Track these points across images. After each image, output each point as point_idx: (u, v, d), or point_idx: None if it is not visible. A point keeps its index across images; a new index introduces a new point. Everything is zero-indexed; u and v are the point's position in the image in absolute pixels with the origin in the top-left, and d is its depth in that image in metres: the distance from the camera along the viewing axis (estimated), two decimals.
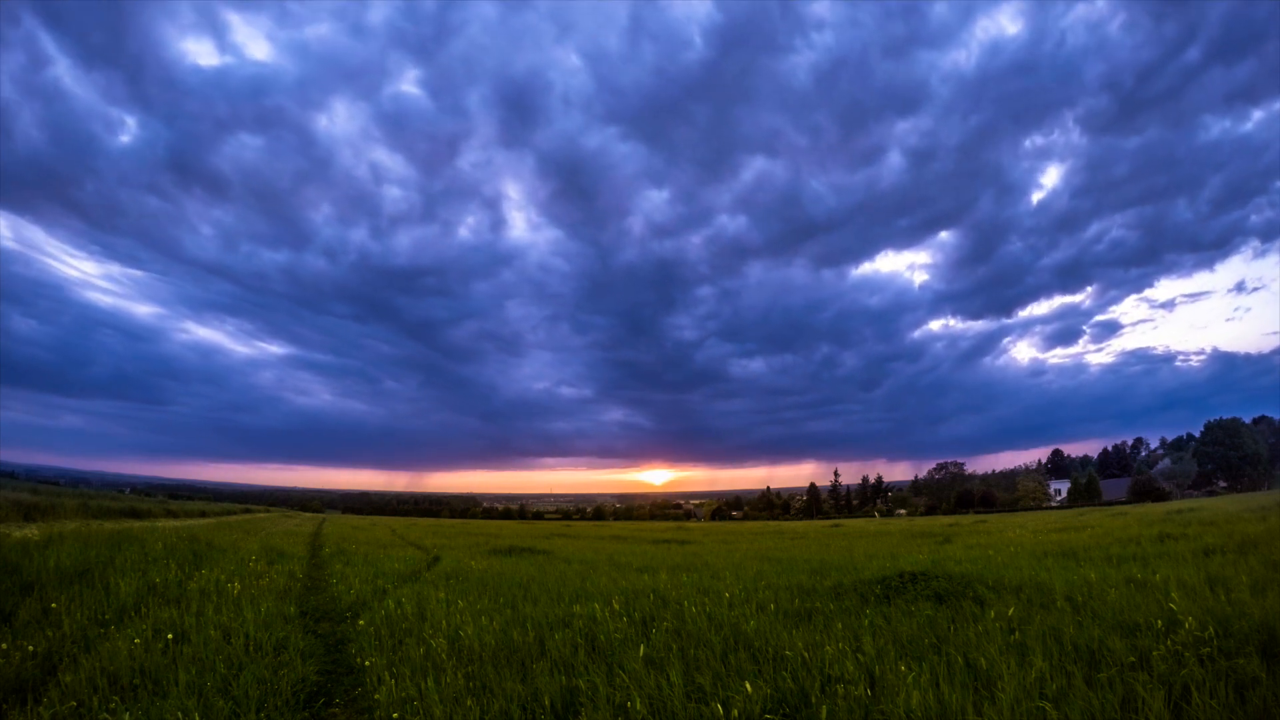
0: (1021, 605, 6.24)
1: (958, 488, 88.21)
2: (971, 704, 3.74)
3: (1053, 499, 77.09)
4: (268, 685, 4.54)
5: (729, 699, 3.96)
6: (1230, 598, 5.74)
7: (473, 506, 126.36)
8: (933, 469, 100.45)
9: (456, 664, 5.03)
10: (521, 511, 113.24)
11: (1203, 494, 59.70)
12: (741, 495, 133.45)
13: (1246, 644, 4.43)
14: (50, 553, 8.61)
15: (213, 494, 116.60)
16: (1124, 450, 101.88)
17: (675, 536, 27.32)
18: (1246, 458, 66.11)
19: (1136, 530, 15.26)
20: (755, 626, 5.69)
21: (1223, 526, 13.66)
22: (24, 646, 5.14)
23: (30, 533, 12.03)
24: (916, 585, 7.42)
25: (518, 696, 4.29)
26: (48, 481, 58.27)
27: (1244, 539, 10.65)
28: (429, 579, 10.21)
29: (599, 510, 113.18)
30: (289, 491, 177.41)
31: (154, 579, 7.83)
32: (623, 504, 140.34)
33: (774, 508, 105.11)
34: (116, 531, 13.08)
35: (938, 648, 4.96)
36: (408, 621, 6.51)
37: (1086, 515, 29.25)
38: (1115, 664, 4.29)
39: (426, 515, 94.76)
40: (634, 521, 78.45)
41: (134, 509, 28.20)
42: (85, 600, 6.55)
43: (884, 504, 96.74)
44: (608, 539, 25.94)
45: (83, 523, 17.08)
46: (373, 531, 29.78)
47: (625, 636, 5.55)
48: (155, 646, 5.19)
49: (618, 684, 4.35)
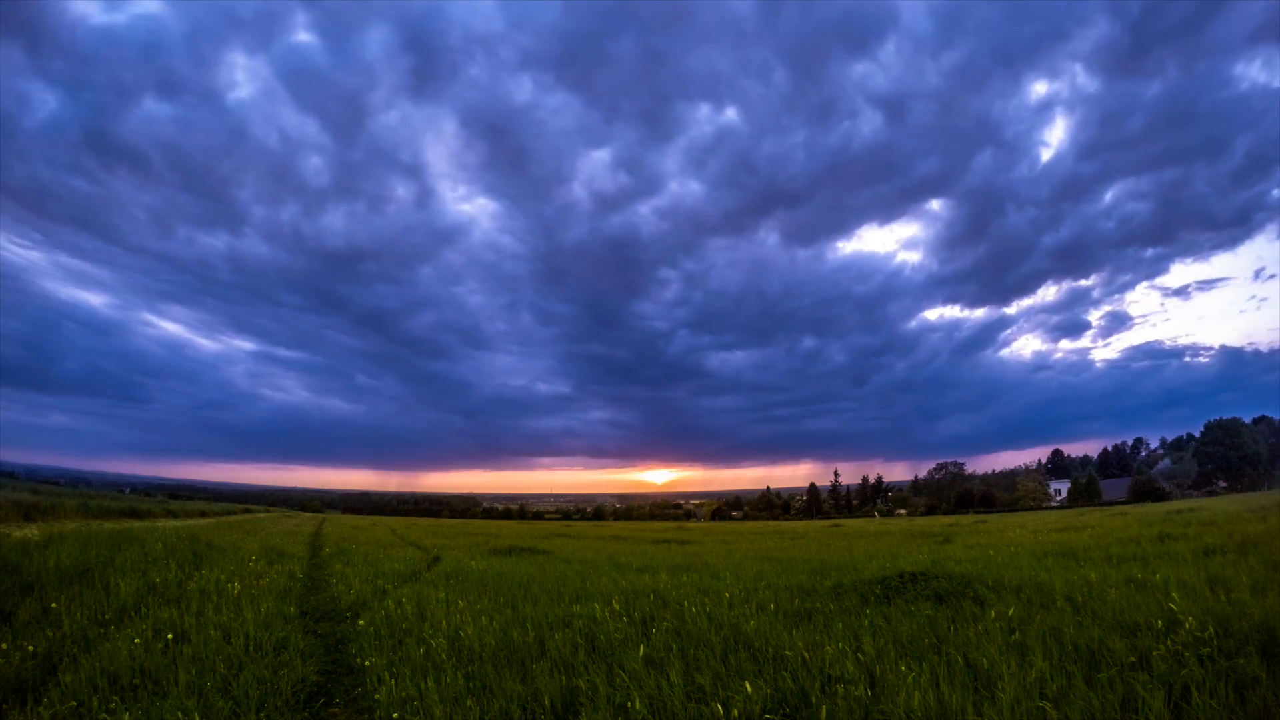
0: (1021, 605, 6.23)
1: (958, 488, 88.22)
2: (971, 704, 3.74)
3: (1053, 499, 77.09)
4: (268, 685, 4.54)
5: (729, 699, 3.96)
6: (1230, 598, 5.74)
7: (472, 506, 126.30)
8: (932, 469, 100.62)
9: (456, 664, 5.03)
10: (521, 511, 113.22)
11: (1203, 494, 59.68)
12: (741, 495, 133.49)
13: (1246, 644, 4.42)
14: (50, 553, 8.61)
15: (212, 494, 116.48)
16: (1124, 450, 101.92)
17: (675, 536, 27.32)
18: (1246, 458, 66.10)
19: (1136, 530, 15.26)
20: (755, 626, 5.69)
21: (1223, 526, 13.65)
22: (24, 646, 5.14)
23: (30, 533, 12.03)
24: (916, 585, 7.42)
25: (518, 696, 4.29)
26: (47, 481, 58.30)
27: (1244, 539, 10.64)
28: (429, 579, 10.21)
29: (599, 510, 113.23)
30: (288, 491, 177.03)
31: (154, 579, 7.83)
32: (622, 504, 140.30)
33: (774, 508, 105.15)
34: (116, 531, 13.08)
35: (938, 648, 4.96)
36: (408, 621, 6.51)
37: (1086, 515, 29.25)
38: (1115, 664, 4.29)
39: (426, 515, 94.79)
40: (634, 521, 78.44)
41: (134, 509, 28.21)
42: (85, 600, 6.55)
43: (884, 504, 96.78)
44: (608, 539, 25.94)
45: (83, 523, 17.08)
46: (373, 531, 29.78)
47: (625, 636, 5.55)
48: (155, 646, 5.19)
49: (618, 684, 4.35)
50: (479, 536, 25.45)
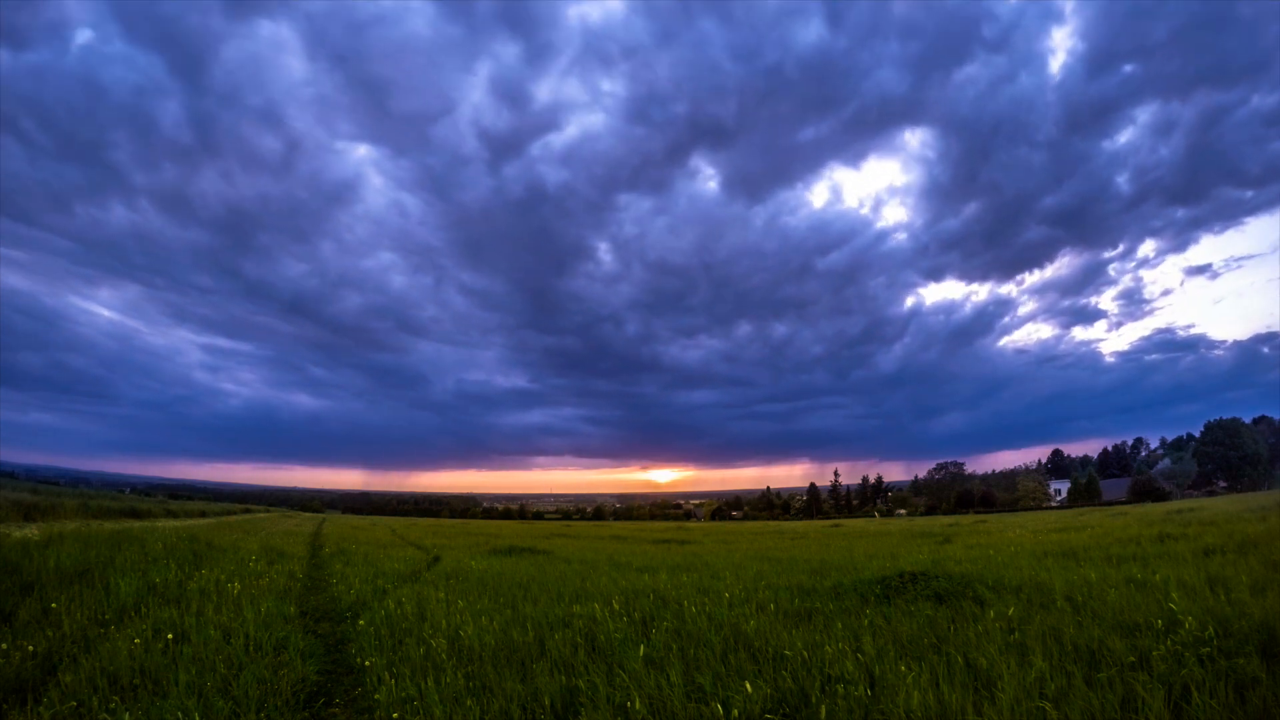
0: (1021, 605, 6.24)
1: (957, 488, 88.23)
2: (971, 704, 3.74)
3: (1053, 499, 77.09)
4: (268, 685, 4.54)
5: (729, 699, 3.96)
6: (1230, 598, 5.75)
7: (472, 506, 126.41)
8: (932, 469, 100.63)
9: (456, 664, 5.04)
10: (521, 511, 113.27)
11: (1203, 494, 59.66)
12: (741, 495, 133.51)
13: (1246, 644, 4.43)
14: (50, 553, 8.60)
15: (213, 494, 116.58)
16: (1124, 450, 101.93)
17: (675, 536, 27.32)
18: (1246, 458, 66.10)
19: (1136, 530, 15.25)
20: (755, 626, 5.69)
21: (1223, 526, 13.65)
22: (24, 646, 5.13)
23: (30, 533, 12.03)
24: (916, 585, 7.42)
25: (518, 696, 4.29)
26: (47, 481, 58.29)
27: (1244, 539, 10.64)
28: (429, 579, 10.21)
29: (599, 510, 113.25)
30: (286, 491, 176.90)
31: (154, 579, 7.83)
32: (622, 504, 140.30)
33: (774, 508, 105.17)
34: (116, 531, 13.08)
35: (938, 648, 4.97)
36: (408, 621, 6.50)
37: (1086, 515, 29.25)
38: (1115, 664, 4.29)
39: (426, 515, 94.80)
40: (634, 521, 78.44)
41: (134, 509, 28.20)
42: (85, 600, 6.54)
43: (884, 504, 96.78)
44: (608, 539, 25.94)
45: (83, 523, 17.07)
46: (373, 532, 29.78)
47: (625, 636, 5.55)
48: (155, 646, 5.19)
49: (618, 684, 4.35)
50: (479, 536, 25.45)
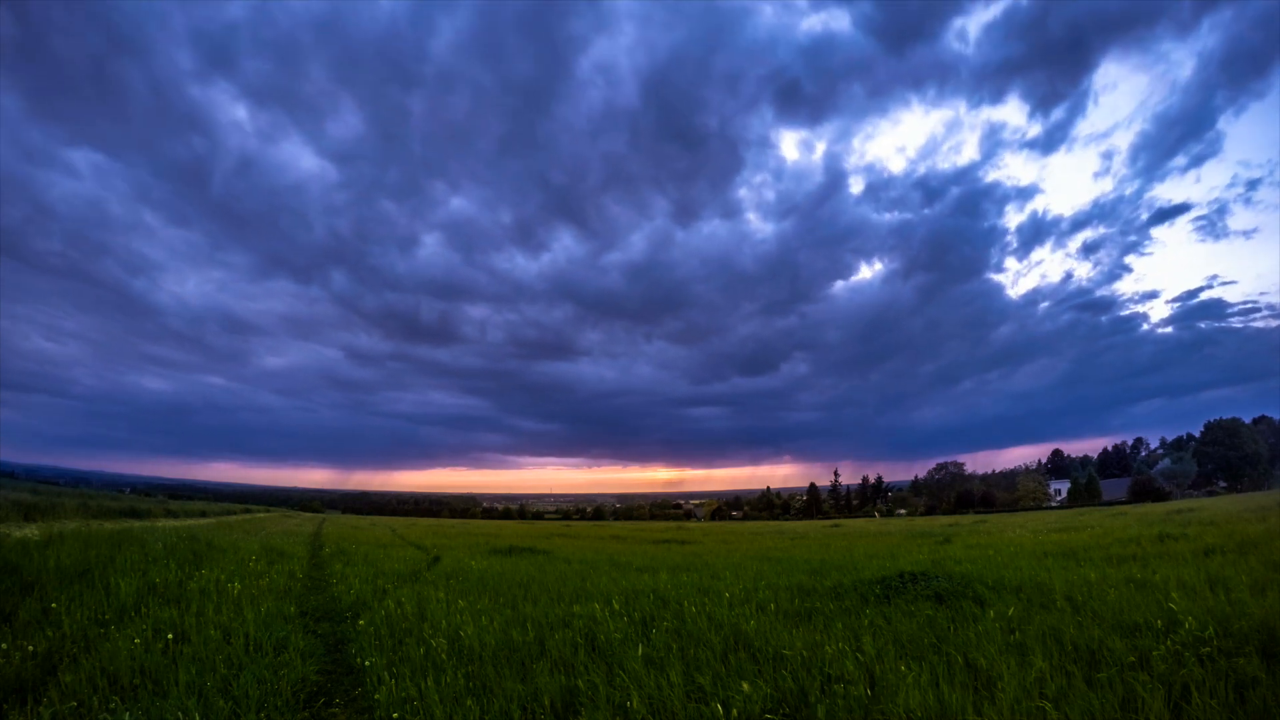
0: (1021, 605, 6.24)
1: (957, 488, 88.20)
2: (971, 704, 3.74)
3: (1053, 499, 77.07)
4: (268, 685, 4.54)
5: (729, 699, 3.96)
6: (1230, 598, 5.75)
7: (473, 506, 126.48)
8: (932, 469, 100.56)
9: (456, 664, 5.03)
10: (521, 511, 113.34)
11: (1203, 494, 59.64)
12: (741, 495, 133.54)
13: (1246, 644, 4.43)
14: (50, 553, 8.60)
15: (213, 494, 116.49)
16: (1124, 450, 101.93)
17: (675, 536, 27.33)
18: (1246, 458, 66.10)
19: (1136, 530, 15.25)
20: (755, 626, 5.69)
21: (1223, 526, 13.65)
22: (24, 646, 5.13)
23: (30, 533, 12.03)
24: (916, 585, 7.42)
25: (518, 696, 4.29)
26: (47, 481, 58.27)
27: (1244, 539, 10.64)
28: (429, 579, 10.21)
29: (599, 510, 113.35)
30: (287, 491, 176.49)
31: (154, 579, 7.82)
32: (622, 504, 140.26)
33: (774, 508, 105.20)
34: (116, 531, 13.07)
35: (938, 648, 4.96)
36: (408, 621, 6.50)
37: (1086, 515, 29.24)
38: (1115, 664, 4.29)
39: (427, 515, 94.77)
40: (634, 522, 78.43)
41: (134, 509, 28.17)
42: (85, 600, 6.54)
43: (884, 504, 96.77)
44: (607, 539, 25.94)
45: (83, 523, 17.06)
46: (373, 531, 29.78)
47: (625, 636, 5.55)
48: (155, 646, 5.19)
49: (618, 684, 4.35)
50: (479, 536, 25.45)
